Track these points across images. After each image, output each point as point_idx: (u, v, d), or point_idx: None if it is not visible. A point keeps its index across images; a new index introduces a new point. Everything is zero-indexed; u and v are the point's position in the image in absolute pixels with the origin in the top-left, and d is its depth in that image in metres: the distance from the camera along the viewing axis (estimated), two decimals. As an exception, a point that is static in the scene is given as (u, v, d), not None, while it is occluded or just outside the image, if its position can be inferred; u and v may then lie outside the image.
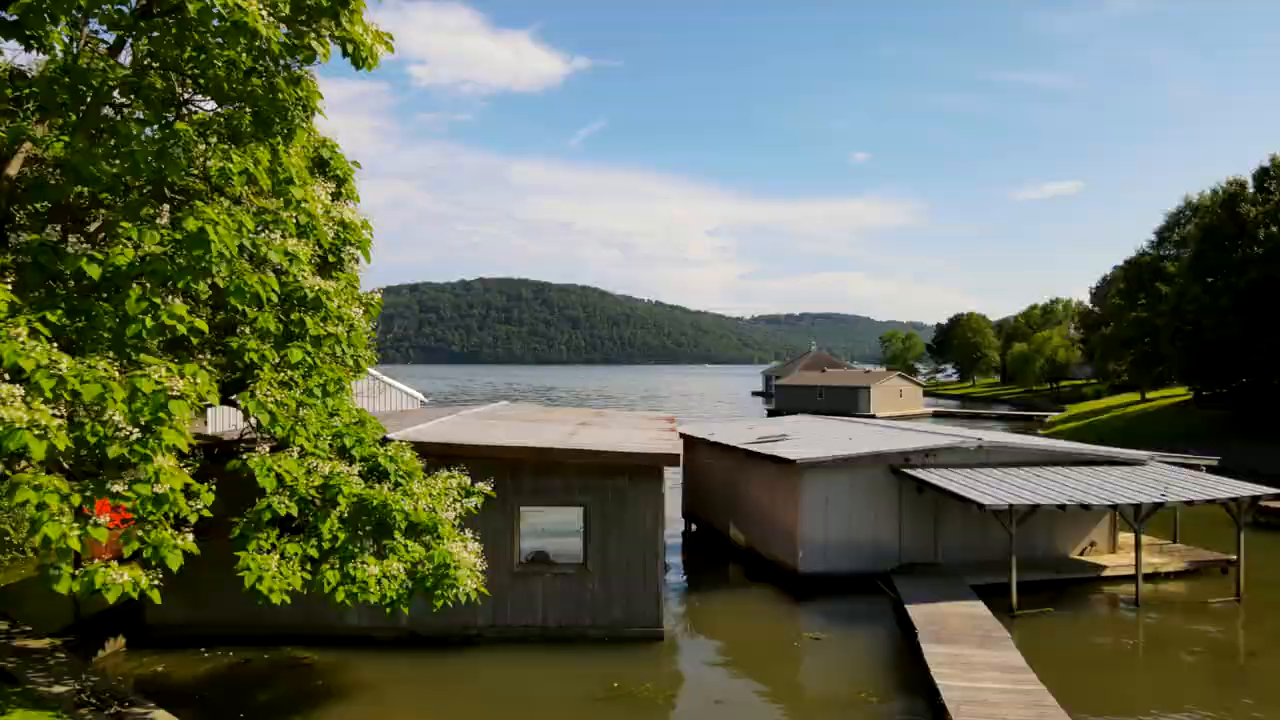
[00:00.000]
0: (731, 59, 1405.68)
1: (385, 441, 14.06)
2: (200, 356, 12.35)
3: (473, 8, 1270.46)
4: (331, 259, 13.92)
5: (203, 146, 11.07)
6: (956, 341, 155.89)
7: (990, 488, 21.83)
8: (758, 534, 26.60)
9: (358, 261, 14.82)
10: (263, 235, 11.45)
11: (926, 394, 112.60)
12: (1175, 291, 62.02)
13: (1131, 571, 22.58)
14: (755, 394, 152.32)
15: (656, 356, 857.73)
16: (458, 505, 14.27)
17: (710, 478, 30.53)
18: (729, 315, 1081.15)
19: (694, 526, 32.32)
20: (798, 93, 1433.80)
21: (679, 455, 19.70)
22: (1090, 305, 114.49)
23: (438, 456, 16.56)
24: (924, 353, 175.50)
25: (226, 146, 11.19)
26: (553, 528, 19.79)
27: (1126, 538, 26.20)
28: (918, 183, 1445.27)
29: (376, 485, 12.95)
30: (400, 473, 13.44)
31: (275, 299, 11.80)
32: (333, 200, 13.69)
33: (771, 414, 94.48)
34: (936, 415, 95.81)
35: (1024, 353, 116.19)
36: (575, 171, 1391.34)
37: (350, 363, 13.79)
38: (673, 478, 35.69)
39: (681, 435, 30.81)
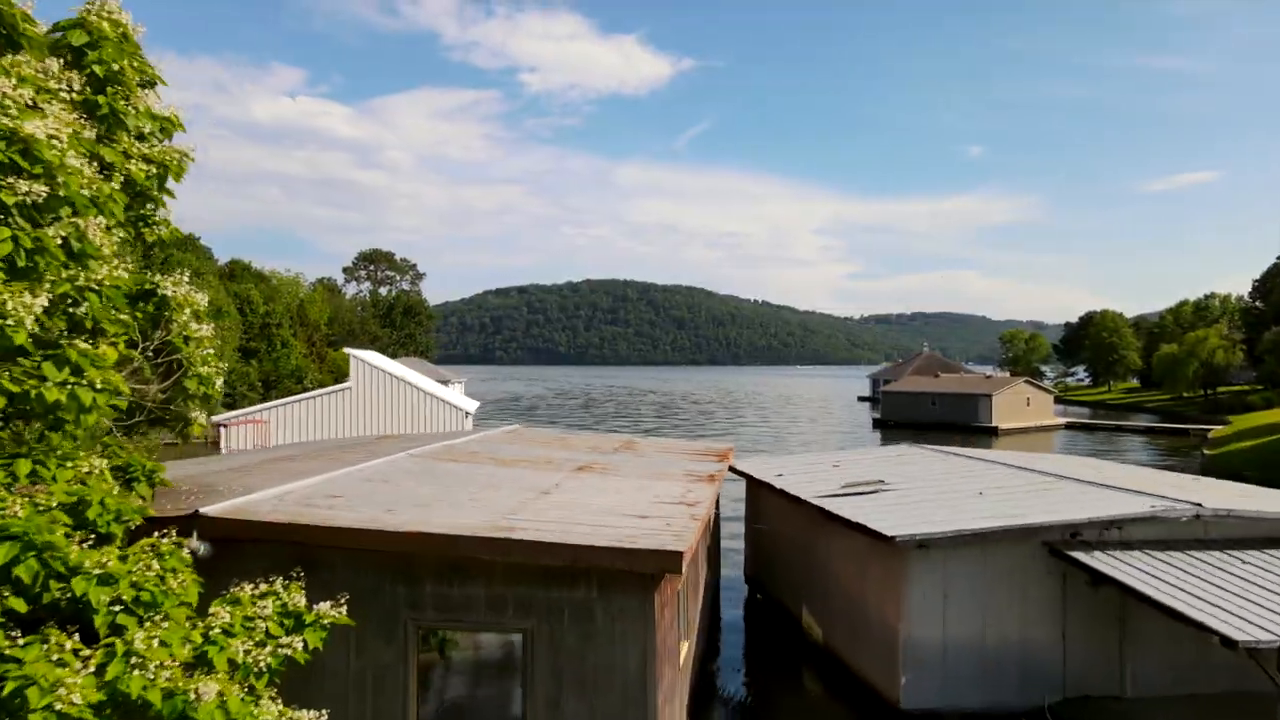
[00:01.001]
0: (837, 55, 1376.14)
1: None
2: None
3: (581, 13, 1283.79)
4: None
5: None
6: (1088, 342, 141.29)
7: (1231, 596, 12.88)
8: (841, 632, 18.12)
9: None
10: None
11: (1057, 401, 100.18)
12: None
13: None
14: (862, 399, 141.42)
15: (763, 357, 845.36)
16: (271, 653, 8.03)
17: (779, 536, 22.13)
18: (837, 315, 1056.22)
19: (759, 596, 24.04)
20: (905, 87, 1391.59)
21: (684, 553, 11.38)
22: (1252, 301, 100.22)
23: (290, 544, 10.06)
24: (1050, 354, 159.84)
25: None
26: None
27: None
28: (1036, 176, 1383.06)
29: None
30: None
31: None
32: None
33: (877, 424, 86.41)
34: (1070, 427, 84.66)
35: (1174, 355, 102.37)
36: (681, 173, 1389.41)
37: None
38: (733, 508, 27.56)
39: (742, 474, 22.58)
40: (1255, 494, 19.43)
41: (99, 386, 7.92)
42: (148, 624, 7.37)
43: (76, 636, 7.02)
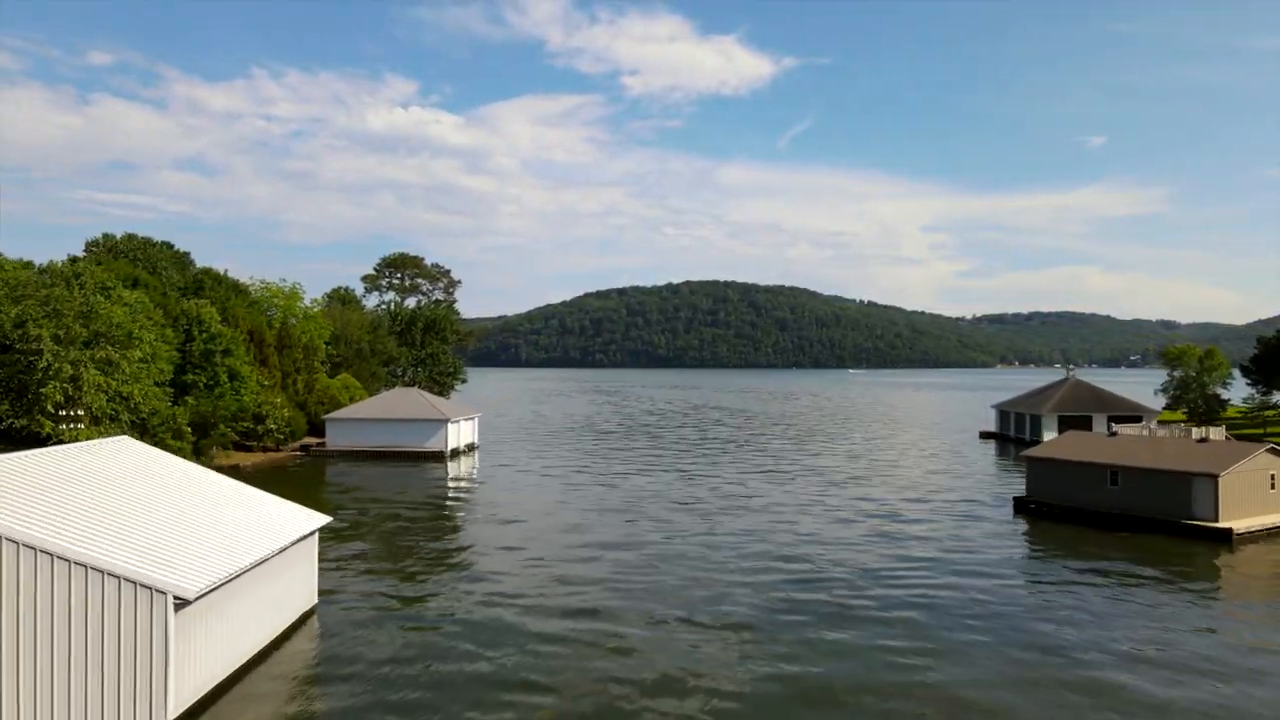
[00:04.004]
0: (944, 48, 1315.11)
1: None
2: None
3: (682, 15, 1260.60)
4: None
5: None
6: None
7: None
8: None
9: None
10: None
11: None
12: None
13: None
14: (986, 436, 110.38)
15: (869, 359, 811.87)
16: None
17: None
18: (947, 315, 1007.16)
19: None
20: (1018, 78, 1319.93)
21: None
22: None
23: None
24: (1230, 374, 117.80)
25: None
26: None
27: None
28: (1163, 166, 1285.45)
29: None
30: None
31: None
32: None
33: (1021, 506, 56.17)
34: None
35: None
36: (783, 172, 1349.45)
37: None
38: None
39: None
40: None
41: None
42: None
43: None
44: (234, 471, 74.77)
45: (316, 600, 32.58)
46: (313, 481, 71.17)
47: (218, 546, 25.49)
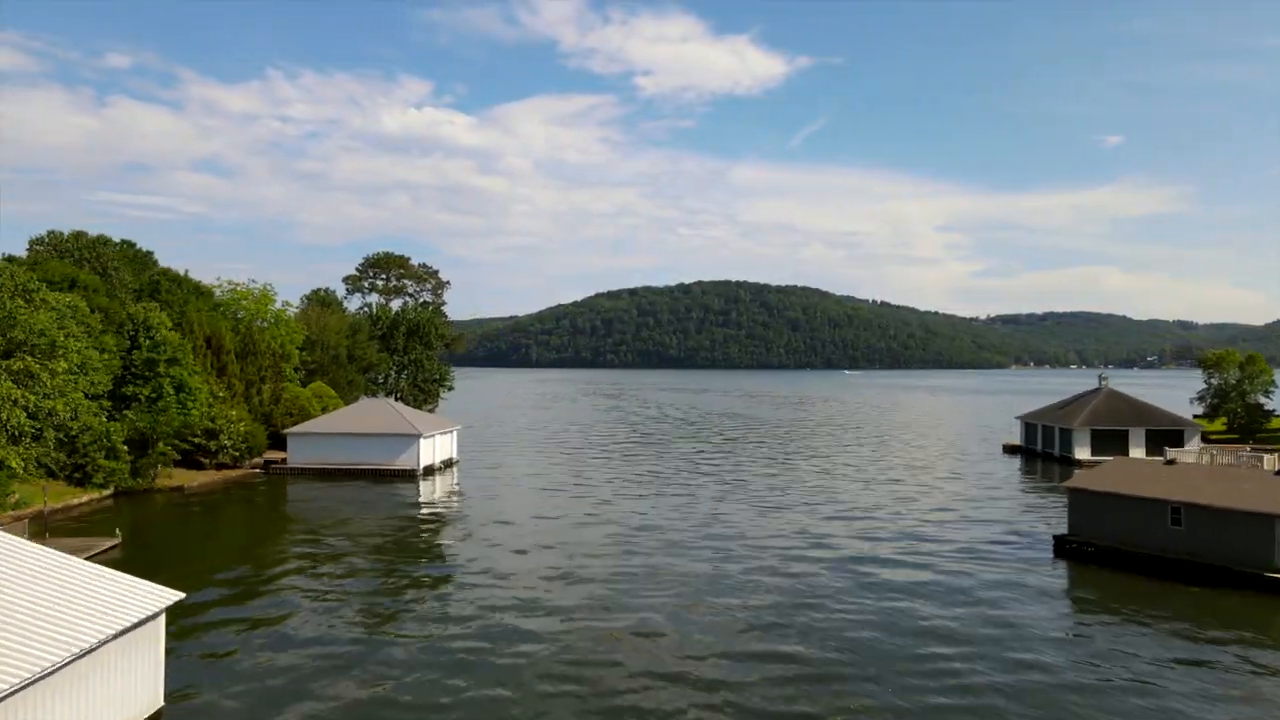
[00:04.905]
0: (957, 47, 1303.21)
1: None
2: None
3: (695, 15, 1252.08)
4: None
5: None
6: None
7: None
8: None
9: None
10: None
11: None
12: None
13: None
14: (1010, 450, 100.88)
15: (882, 360, 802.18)
16: None
17: None
18: (961, 316, 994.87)
19: None
20: (1033, 77, 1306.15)
21: None
22: None
23: None
24: (1273, 381, 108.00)
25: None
26: None
27: None
28: (1181, 166, 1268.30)
29: None
30: None
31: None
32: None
33: (1062, 547, 47.50)
34: None
35: None
36: (796, 171, 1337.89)
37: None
38: None
39: None
40: None
41: None
42: None
43: None
44: (177, 493, 67.76)
45: (161, 704, 25.07)
46: (256, 505, 63.86)
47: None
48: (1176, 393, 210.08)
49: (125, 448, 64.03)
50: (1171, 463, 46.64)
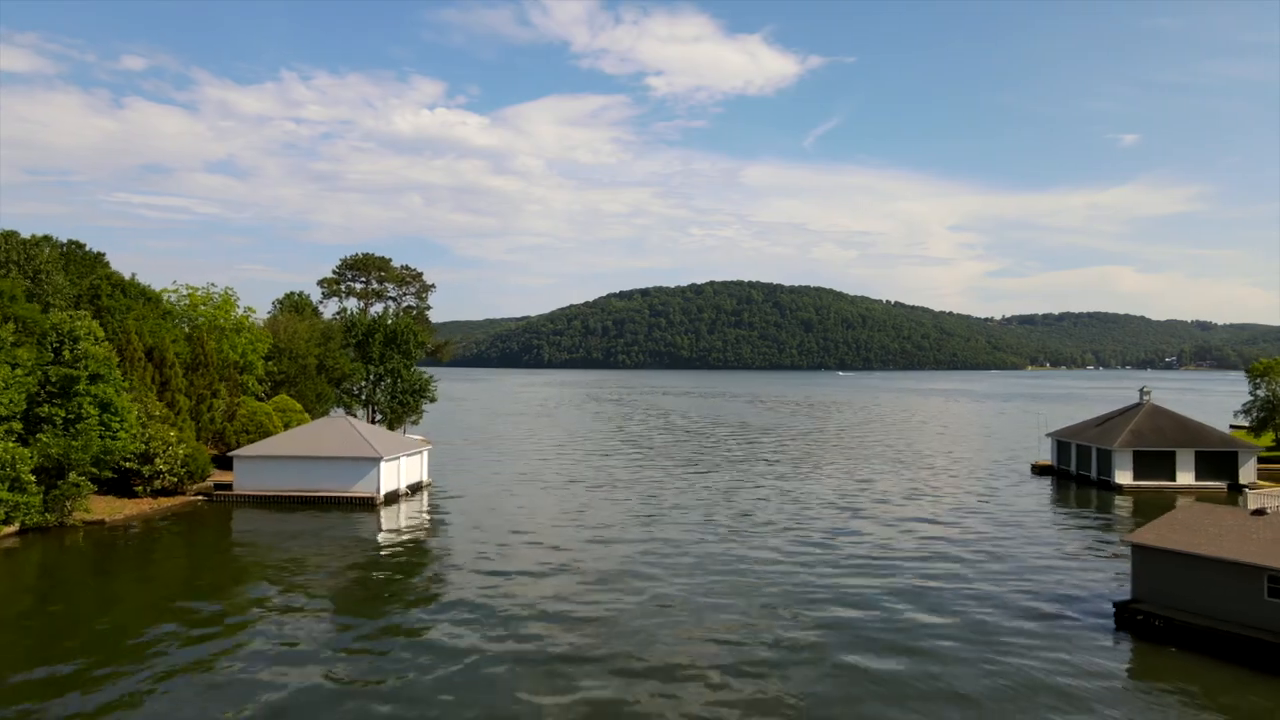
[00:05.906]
0: (971, 45, 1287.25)
1: None
2: None
3: (707, 14, 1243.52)
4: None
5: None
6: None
7: None
8: None
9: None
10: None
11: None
12: None
13: None
14: (1040, 471, 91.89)
15: (895, 361, 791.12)
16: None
17: None
18: (976, 316, 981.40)
19: None
20: (1048, 75, 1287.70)
21: None
22: None
23: None
24: None
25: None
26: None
27: None
28: (1198, 164, 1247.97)
29: None
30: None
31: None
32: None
33: (1124, 619, 38.47)
34: None
35: None
36: (809, 171, 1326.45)
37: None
38: None
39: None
40: None
41: None
42: None
43: None
44: (97, 526, 59.77)
45: None
46: (186, 543, 55.66)
47: None
48: (1210, 399, 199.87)
49: (33, 478, 56.02)
50: (1261, 512, 37.62)
